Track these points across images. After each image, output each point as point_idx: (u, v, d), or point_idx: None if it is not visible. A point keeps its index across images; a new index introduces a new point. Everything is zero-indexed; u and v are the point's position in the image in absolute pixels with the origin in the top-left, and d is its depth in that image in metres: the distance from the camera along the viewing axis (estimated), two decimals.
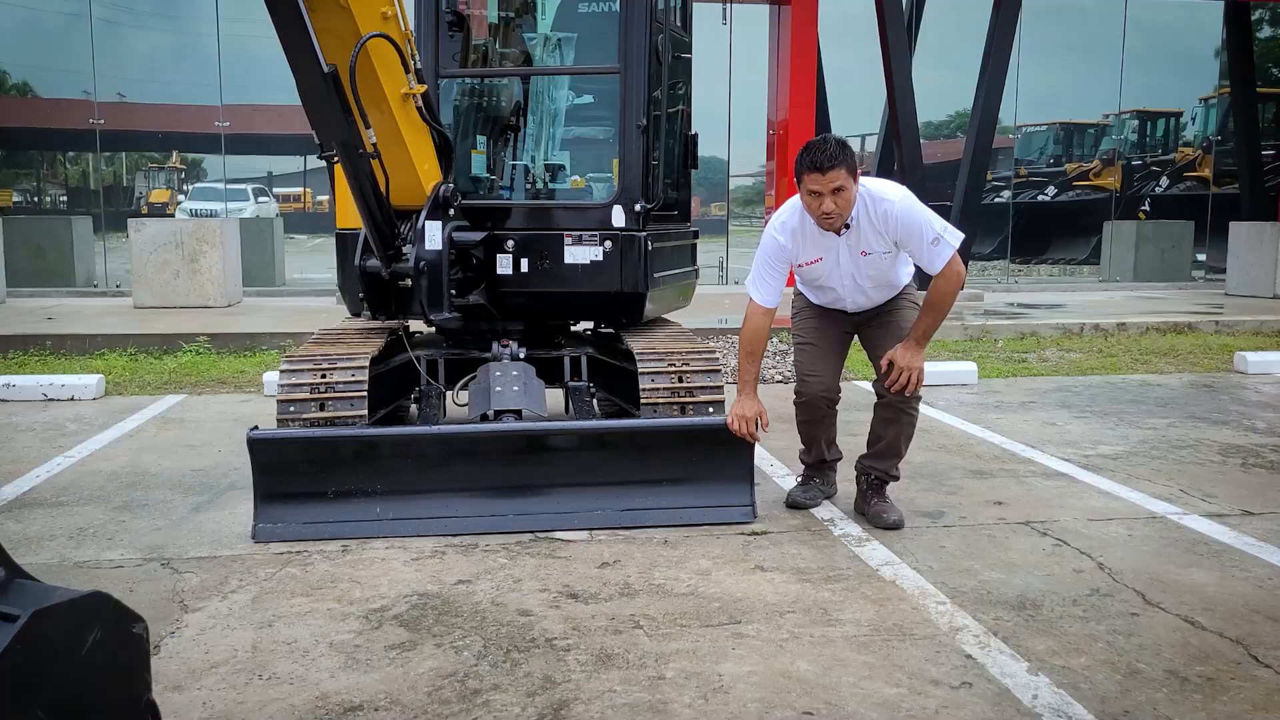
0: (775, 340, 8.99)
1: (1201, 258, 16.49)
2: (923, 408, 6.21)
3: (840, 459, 4.44)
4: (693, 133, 5.40)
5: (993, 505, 4.29)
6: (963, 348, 9.05)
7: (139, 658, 1.87)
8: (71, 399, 6.62)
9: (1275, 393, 6.97)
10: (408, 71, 4.29)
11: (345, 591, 3.29)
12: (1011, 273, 17.52)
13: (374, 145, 4.19)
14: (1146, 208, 20.75)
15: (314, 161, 24.50)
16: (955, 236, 3.85)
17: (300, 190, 29.72)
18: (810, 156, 3.66)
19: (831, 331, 4.20)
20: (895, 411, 4.08)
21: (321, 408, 4.23)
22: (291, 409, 4.21)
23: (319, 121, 4.16)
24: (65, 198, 24.18)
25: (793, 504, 4.26)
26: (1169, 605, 3.19)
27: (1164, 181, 21.98)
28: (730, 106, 14.61)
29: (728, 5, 13.22)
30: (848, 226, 3.81)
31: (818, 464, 4.37)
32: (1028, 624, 3.04)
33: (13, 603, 1.70)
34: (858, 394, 6.87)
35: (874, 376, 4.28)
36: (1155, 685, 2.65)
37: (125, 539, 3.82)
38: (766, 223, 4.28)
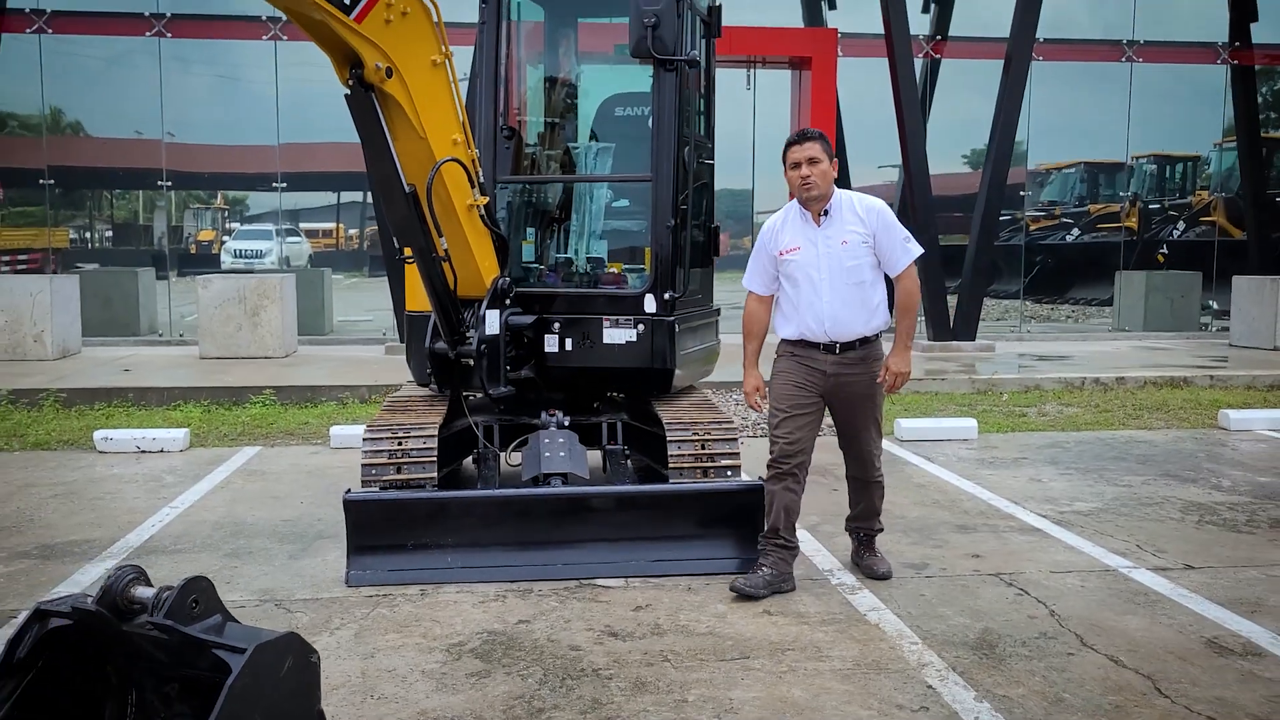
0: None
1: (1214, 305, 17.04)
2: (922, 464, 6.95)
3: (797, 549, 4.60)
4: (715, 224, 6.18)
5: (971, 558, 4.99)
6: (969, 401, 9.73)
7: (315, 679, 2.65)
8: (161, 451, 7.44)
9: (1250, 450, 7.61)
10: (473, 186, 5.09)
11: (428, 629, 4.04)
12: (1027, 315, 18.16)
13: (445, 250, 5.01)
14: (1165, 250, 21.33)
15: (346, 196, 25.10)
16: (917, 247, 4.48)
17: (332, 225, 30.05)
18: (791, 136, 4.44)
19: (808, 402, 4.50)
20: (862, 484, 4.74)
21: (399, 470, 5.02)
22: (374, 472, 5.00)
23: (401, 231, 4.99)
24: (111, 233, 24.91)
25: (736, 590, 4.36)
26: (1100, 647, 3.89)
27: (1180, 226, 22.57)
28: (754, 140, 15.22)
29: (751, 70, 14.03)
30: (827, 214, 4.37)
31: (778, 544, 4.49)
32: (981, 661, 3.75)
33: (239, 640, 2.48)
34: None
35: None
36: (1073, 710, 3.35)
37: (240, 583, 4.59)
38: None
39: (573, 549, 4.68)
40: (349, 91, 4.61)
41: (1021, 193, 17.69)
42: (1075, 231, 23.87)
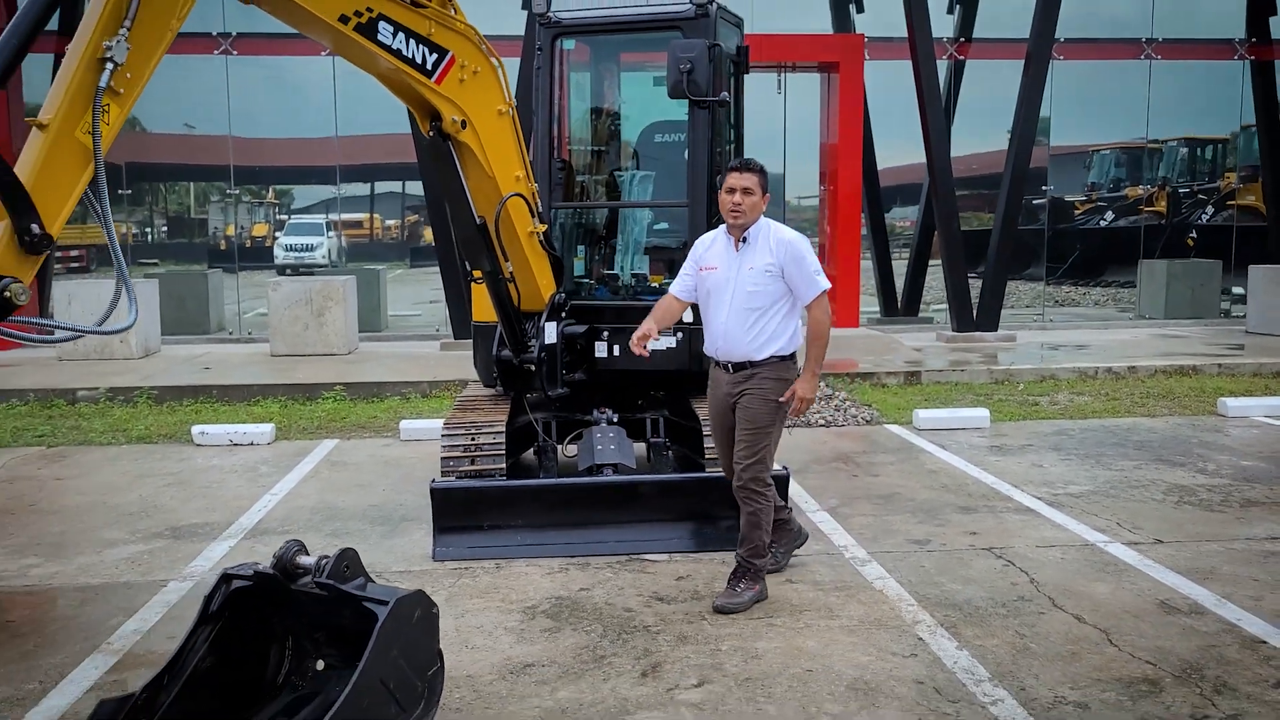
0: (822, 384, 10.45)
1: (1239, 290, 17.48)
2: (936, 451, 7.67)
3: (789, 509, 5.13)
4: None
5: (968, 535, 5.74)
6: (986, 390, 10.41)
7: (436, 626, 3.47)
8: (251, 444, 8.33)
9: (1241, 435, 8.26)
10: (533, 215, 5.89)
11: (505, 595, 4.86)
12: (1051, 300, 18.67)
13: (510, 272, 5.81)
14: (1194, 235, 21.73)
15: (380, 187, 25.60)
16: (825, 282, 4.67)
17: (364, 216, 30.24)
18: (735, 161, 4.76)
19: (727, 424, 4.84)
20: (743, 501, 4.76)
21: (473, 462, 5.86)
22: (452, 463, 5.83)
23: (472, 256, 5.80)
24: (167, 229, 25.72)
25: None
26: (1068, 607, 4.63)
27: (1209, 210, 22.94)
28: (785, 132, 15.82)
29: (782, 75, 14.70)
30: (745, 241, 4.68)
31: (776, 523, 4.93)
32: (966, 619, 4.51)
33: (382, 594, 3.31)
34: (889, 438, 8.34)
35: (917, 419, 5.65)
36: (1035, 656, 4.11)
37: None
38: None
39: (623, 528, 5.48)
40: (428, 139, 5.43)
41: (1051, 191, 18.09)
42: (1110, 215, 24.28)
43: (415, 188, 22.53)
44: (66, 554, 5.56)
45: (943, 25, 15.24)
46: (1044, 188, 17.13)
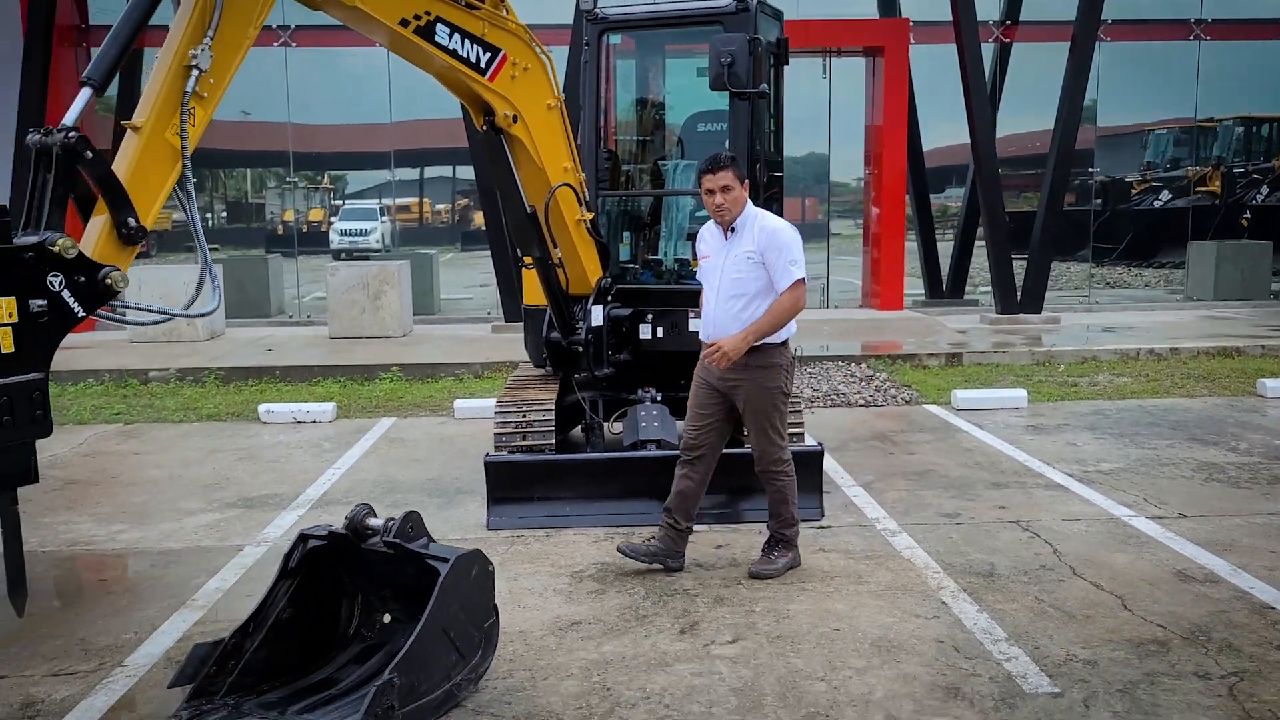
0: (864, 365, 10.69)
1: None
2: (972, 430, 7.89)
3: (690, 528, 5.06)
4: None
5: (998, 509, 5.98)
6: (1027, 372, 10.57)
7: (491, 582, 3.82)
8: (314, 421, 8.76)
9: (1278, 416, 8.37)
10: (580, 204, 6.20)
11: (554, 561, 5.20)
12: (1109, 281, 18.59)
13: (559, 258, 6.13)
14: (1248, 215, 21.48)
15: (432, 171, 25.96)
16: (801, 270, 4.77)
17: (413, 201, 30.52)
18: (705, 163, 4.82)
19: (710, 402, 4.99)
20: (762, 478, 5.03)
21: (524, 438, 6.20)
22: (505, 439, 6.18)
23: (522, 243, 6.13)
24: (226, 214, 26.31)
25: (621, 550, 4.99)
26: (1087, 576, 4.87)
27: (1264, 190, 22.62)
28: (830, 115, 15.90)
29: (827, 59, 14.85)
30: (734, 230, 4.85)
31: (669, 523, 5.00)
32: (988, 586, 4.77)
33: (444, 553, 3.66)
34: (927, 417, 8.56)
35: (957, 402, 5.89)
36: (1051, 619, 4.36)
37: None
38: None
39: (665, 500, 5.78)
40: (482, 133, 5.75)
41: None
42: (1166, 195, 24.02)
43: (465, 172, 22.92)
44: (150, 521, 6.01)
45: (990, 8, 15.26)
46: (1090, 169, 17.08)
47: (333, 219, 27.01)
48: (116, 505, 6.34)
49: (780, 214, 7.12)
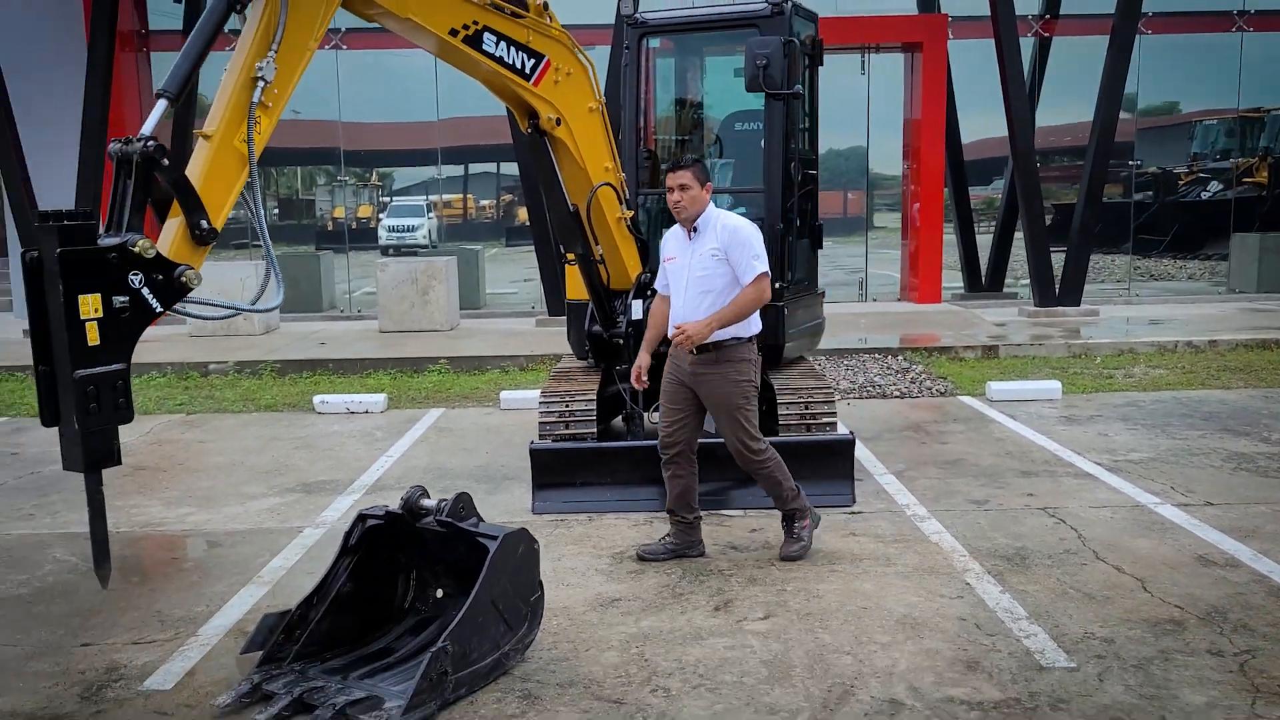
0: (900, 358, 10.85)
1: None
2: (1006, 421, 8.04)
3: (697, 516, 5.27)
4: (819, 223, 7.38)
5: (1025, 496, 6.15)
6: (1063, 364, 10.67)
7: (536, 559, 4.08)
8: (366, 412, 9.10)
9: None
10: (621, 202, 6.44)
11: (596, 543, 5.46)
12: (1154, 274, 18.47)
13: (600, 255, 6.38)
14: None
15: (477, 168, 26.29)
16: (763, 264, 4.96)
17: (458, 197, 30.79)
18: (670, 162, 5.18)
19: (680, 397, 5.21)
20: (754, 474, 5.24)
21: (567, 426, 6.47)
22: (549, 427, 6.46)
23: (566, 240, 6.39)
24: (277, 211, 26.76)
25: (640, 555, 5.17)
26: (1110, 560, 5.04)
27: None
28: (869, 109, 16.03)
29: (866, 55, 14.96)
30: (696, 230, 5.06)
31: (677, 520, 5.22)
32: (1012, 568, 4.96)
33: (492, 531, 3.93)
34: (961, 408, 8.72)
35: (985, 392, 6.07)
36: (1071, 600, 4.55)
37: None
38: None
39: (702, 486, 6.01)
40: (527, 136, 6.02)
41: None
42: (1215, 186, 23.76)
43: (509, 168, 23.30)
44: (215, 505, 6.36)
45: (1030, 2, 15.27)
46: (1130, 161, 17.03)
47: (381, 215, 27.50)
48: (183, 490, 6.70)
49: (816, 210, 7.36)
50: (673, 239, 5.28)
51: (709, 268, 5.01)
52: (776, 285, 6.66)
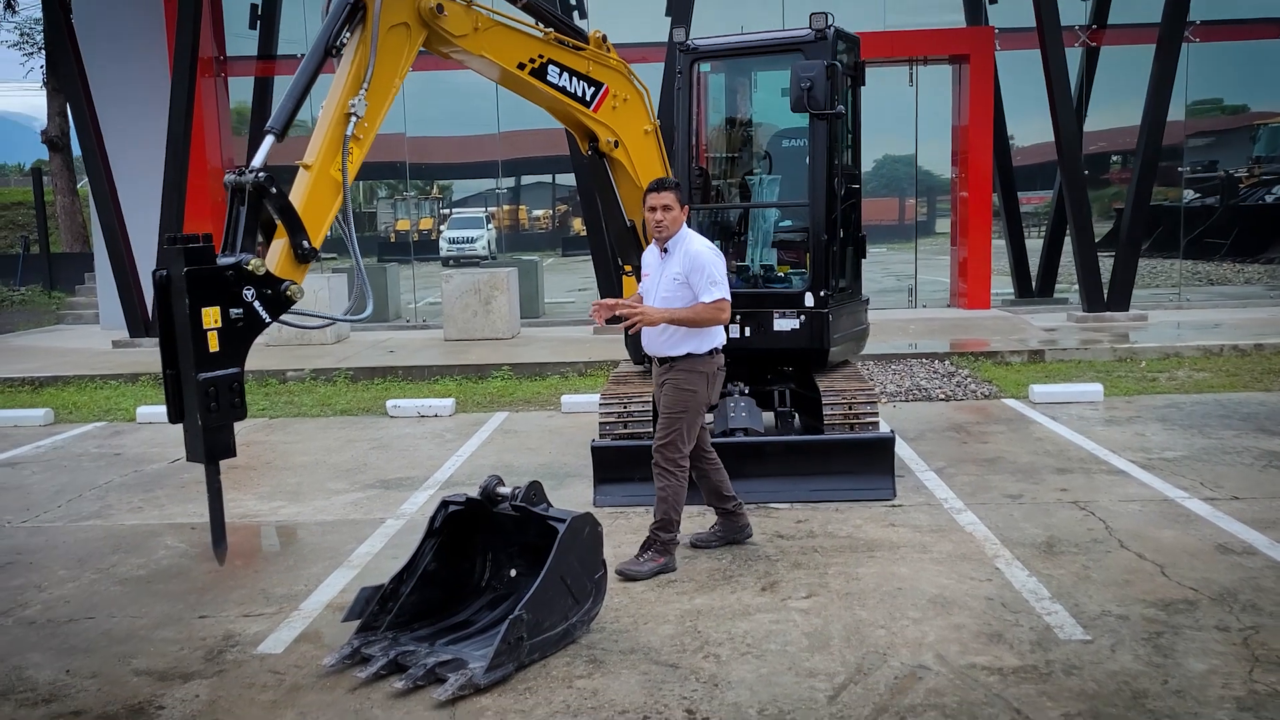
0: (947, 362, 11.18)
1: None
2: (1047, 422, 8.37)
3: (736, 503, 5.64)
4: (862, 234, 7.78)
5: (1059, 491, 6.50)
6: (1108, 368, 10.93)
7: (600, 541, 4.56)
8: (436, 415, 9.66)
9: None
10: None
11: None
12: (1212, 279, 18.50)
13: None
14: None
15: (533, 179, 26.75)
16: (720, 290, 5.18)
17: (517, 208, 31.27)
18: (653, 184, 5.34)
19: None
20: (656, 475, 5.35)
21: (625, 426, 6.95)
22: (608, 427, 6.94)
23: (623, 252, 6.88)
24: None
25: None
26: (1134, 548, 5.39)
27: None
28: (918, 116, 16.29)
29: (913, 68, 15.30)
30: (667, 250, 5.33)
31: (719, 512, 5.67)
32: (1040, 555, 5.33)
33: (561, 515, 4.41)
34: (1004, 410, 9.06)
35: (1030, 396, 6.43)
36: (1093, 583, 4.92)
37: None
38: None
39: (752, 481, 6.46)
40: (587, 157, 6.52)
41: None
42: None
43: (564, 179, 23.95)
44: (304, 499, 6.93)
45: (1077, 13, 15.49)
46: (1180, 168, 17.13)
47: (442, 227, 28.26)
48: (274, 486, 7.29)
49: (859, 221, 7.75)
50: (650, 255, 5.58)
51: (672, 290, 5.29)
52: (821, 293, 7.11)
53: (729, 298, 5.28)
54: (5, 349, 15.05)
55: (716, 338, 5.40)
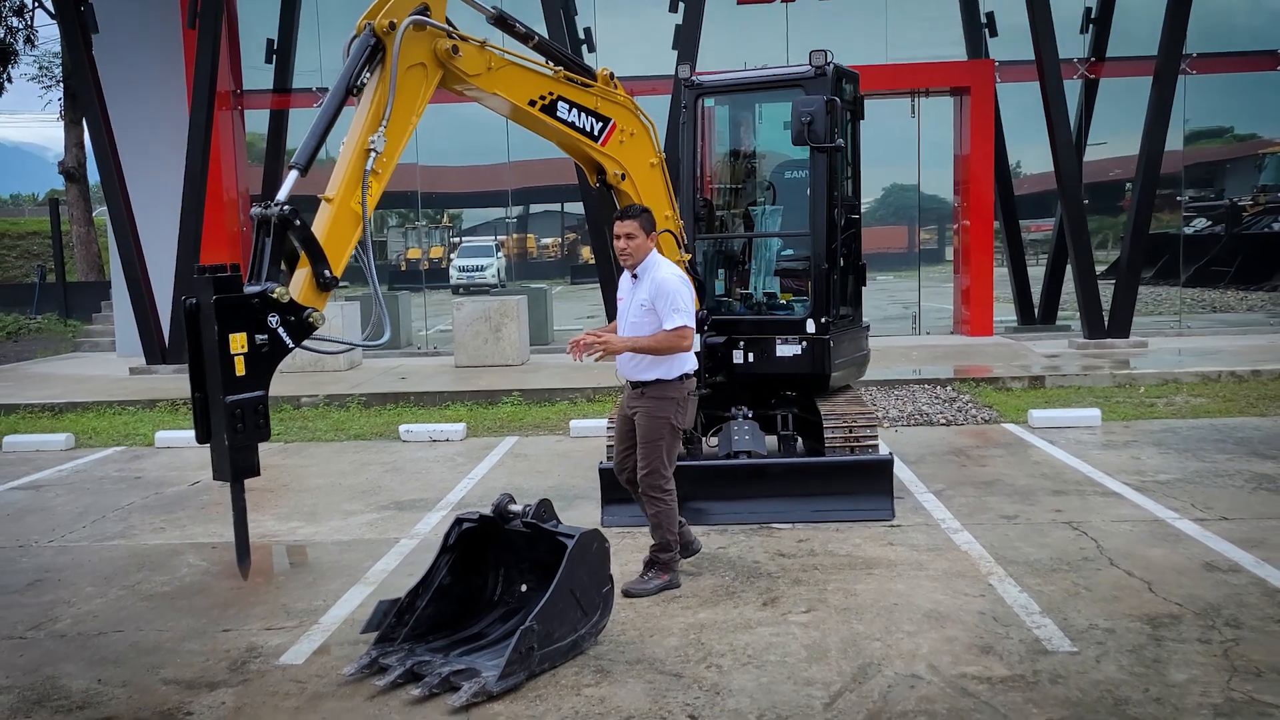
0: (948, 388, 11.37)
1: None
2: (1045, 446, 8.55)
3: (682, 523, 5.72)
4: (862, 262, 8.01)
5: (1053, 512, 6.69)
6: (1107, 393, 11.11)
7: (608, 556, 4.77)
8: (447, 440, 9.89)
9: None
10: (680, 246, 7.15)
11: None
12: (1216, 306, 18.72)
13: None
14: None
15: (535, 208, 27.06)
16: (683, 318, 5.31)
17: (526, 236, 31.58)
18: (617, 213, 5.60)
19: (625, 431, 5.70)
20: (646, 503, 5.56)
21: None
22: (612, 449, 7.14)
23: None
24: (354, 252, 27.82)
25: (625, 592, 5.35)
26: (1124, 566, 5.57)
27: None
28: (920, 145, 16.56)
29: (916, 99, 15.59)
30: (636, 276, 5.51)
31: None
32: (1032, 572, 5.52)
33: (570, 531, 4.63)
34: (1003, 435, 9.25)
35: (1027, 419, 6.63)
36: (1082, 599, 5.10)
37: None
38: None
39: (755, 502, 6.67)
40: (595, 189, 6.78)
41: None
42: None
43: (572, 207, 24.27)
44: (321, 519, 7.15)
45: (1076, 47, 15.78)
46: (1178, 197, 17.36)
47: (452, 256, 28.60)
48: (291, 507, 7.52)
49: (859, 250, 7.99)
50: (623, 281, 5.77)
51: (640, 317, 5.46)
52: (822, 320, 7.33)
53: (693, 325, 5.40)
54: (24, 376, 15.34)
55: (687, 363, 5.52)
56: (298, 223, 4.88)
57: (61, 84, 28.60)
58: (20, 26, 28.81)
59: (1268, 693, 4.04)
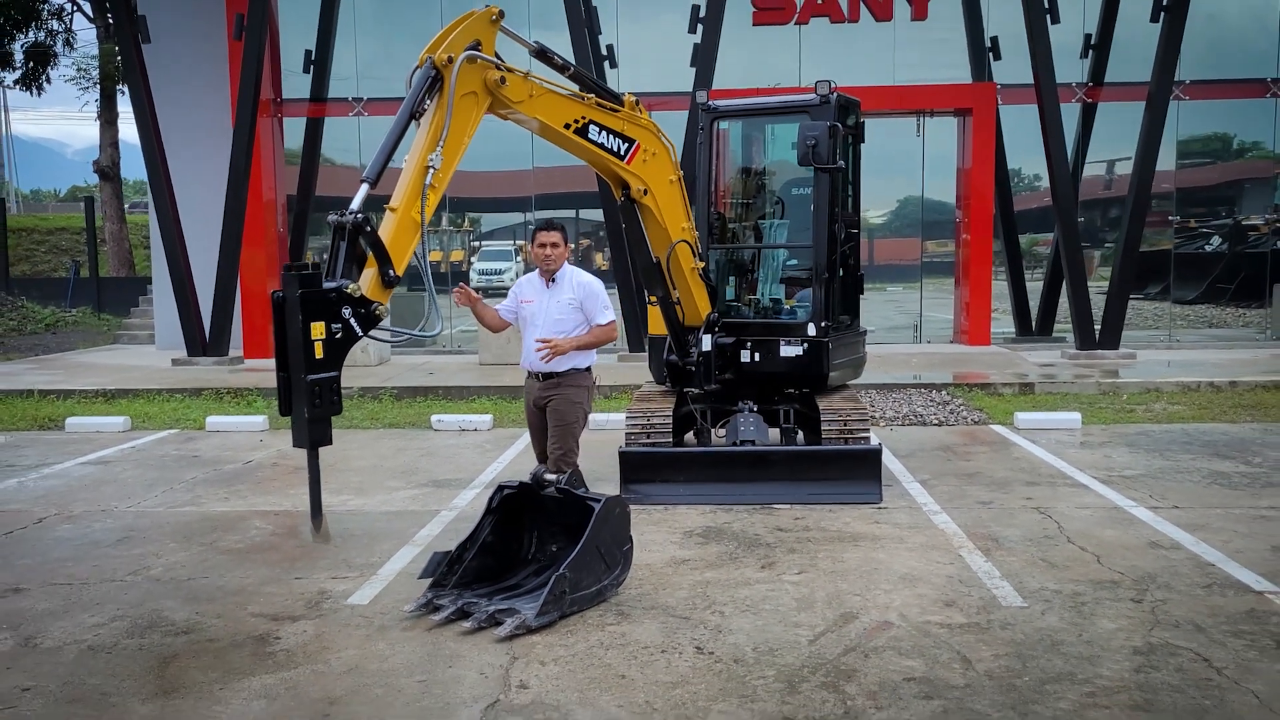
0: (943, 392, 12.12)
1: None
2: (1026, 444, 9.32)
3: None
4: (860, 273, 8.81)
5: (1024, 499, 7.46)
6: (1092, 399, 11.87)
7: (628, 519, 5.57)
8: (475, 429, 10.70)
9: None
10: (695, 255, 7.96)
11: (671, 524, 6.92)
12: (1211, 321, 19.41)
13: (677, 297, 7.90)
14: None
15: (551, 215, 27.60)
16: (611, 315, 6.55)
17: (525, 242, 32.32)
18: (541, 224, 6.59)
19: (536, 422, 6.70)
20: (558, 471, 6.15)
21: (649, 436, 7.97)
22: (634, 437, 7.96)
23: (650, 285, 7.93)
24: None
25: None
26: (1079, 543, 6.35)
27: None
28: (924, 160, 17.38)
29: (920, 119, 16.38)
30: (554, 280, 6.47)
31: None
32: (998, 547, 6.30)
33: (596, 497, 5.44)
34: (989, 434, 10.01)
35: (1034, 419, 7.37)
36: (1038, 567, 5.89)
37: None
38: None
39: (757, 485, 7.46)
40: (620, 204, 7.59)
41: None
42: None
43: (587, 214, 25.08)
44: (369, 494, 7.98)
45: (1075, 72, 16.55)
46: (1170, 217, 18.08)
47: (472, 259, 29.39)
48: (341, 483, 8.34)
49: (858, 263, 8.80)
50: (529, 285, 6.66)
51: (565, 314, 6.44)
52: (822, 324, 8.13)
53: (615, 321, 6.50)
54: (71, 364, 16.23)
55: (592, 356, 6.58)
56: (368, 229, 5.69)
57: (98, 85, 29.60)
58: (60, 29, 29.86)
59: (1181, 639, 4.82)
